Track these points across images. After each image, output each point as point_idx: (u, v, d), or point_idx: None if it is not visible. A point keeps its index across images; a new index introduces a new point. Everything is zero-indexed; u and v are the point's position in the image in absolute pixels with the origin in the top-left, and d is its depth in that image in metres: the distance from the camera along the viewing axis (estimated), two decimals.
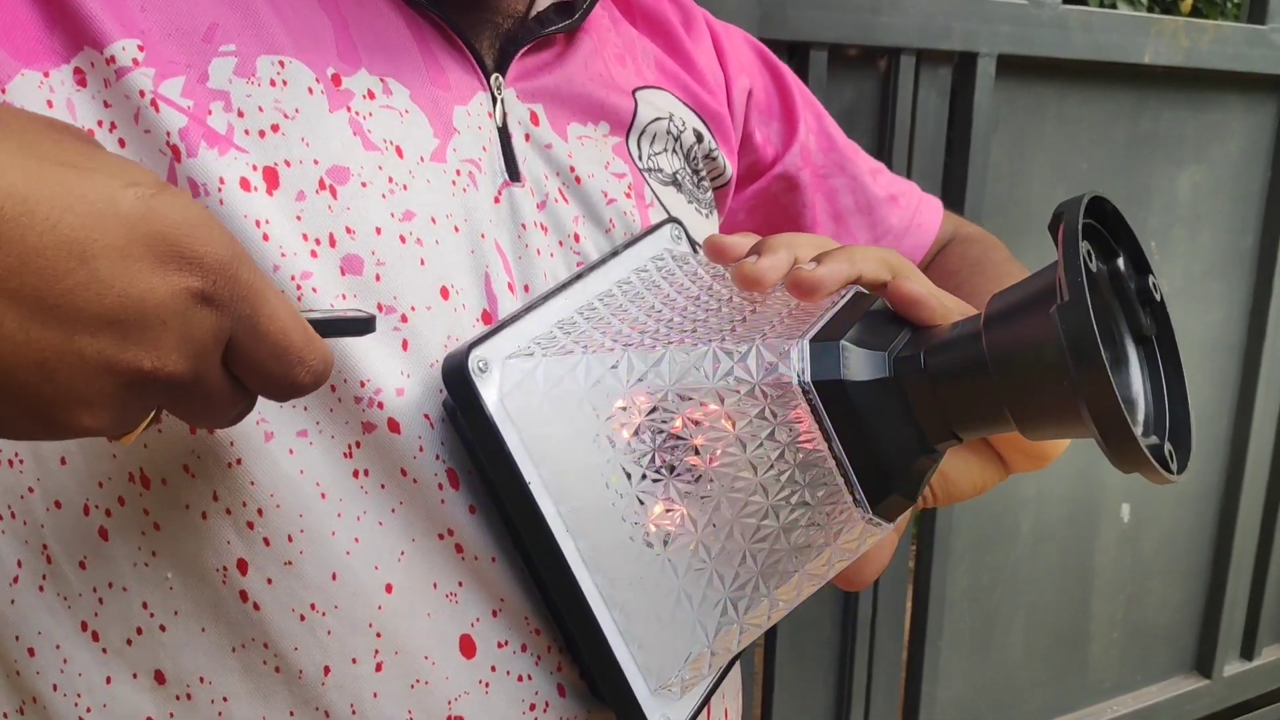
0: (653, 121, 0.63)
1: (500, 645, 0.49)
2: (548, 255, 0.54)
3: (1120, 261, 0.43)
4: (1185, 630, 1.61)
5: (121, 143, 0.44)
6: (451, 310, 0.49)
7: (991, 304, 0.42)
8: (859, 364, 0.42)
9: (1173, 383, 0.44)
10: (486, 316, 0.50)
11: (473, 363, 0.45)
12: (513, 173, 0.53)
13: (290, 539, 0.45)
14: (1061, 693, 1.49)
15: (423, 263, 0.48)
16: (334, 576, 0.46)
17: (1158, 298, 0.44)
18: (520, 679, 0.50)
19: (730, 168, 0.70)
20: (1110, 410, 0.35)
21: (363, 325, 0.41)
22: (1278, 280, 1.51)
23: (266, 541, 0.45)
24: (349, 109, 0.48)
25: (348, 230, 0.46)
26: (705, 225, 0.66)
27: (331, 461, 0.46)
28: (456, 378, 0.45)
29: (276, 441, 0.45)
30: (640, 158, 0.62)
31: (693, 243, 0.60)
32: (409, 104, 0.50)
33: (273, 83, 0.46)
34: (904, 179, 0.85)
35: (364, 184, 0.47)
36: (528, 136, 0.55)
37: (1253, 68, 1.37)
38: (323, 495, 0.46)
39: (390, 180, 0.48)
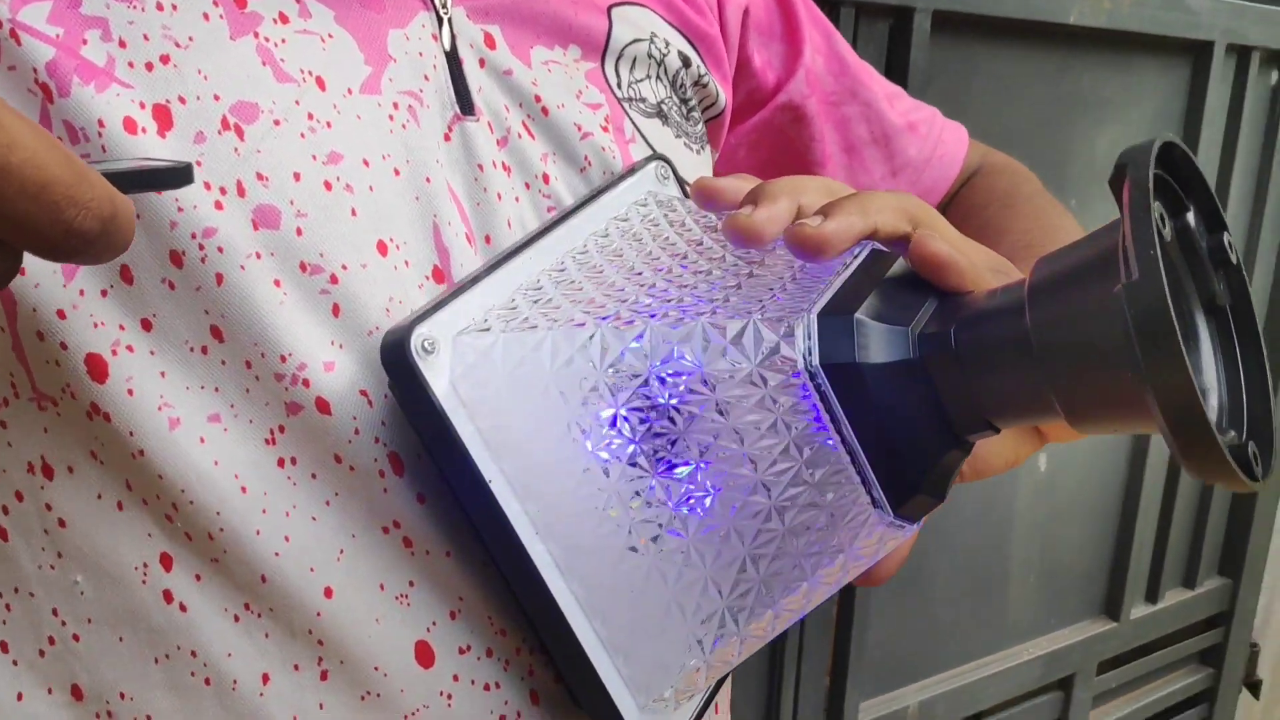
0: (631, 43, 0.55)
1: (462, 651, 0.45)
2: (511, 200, 0.48)
3: (1190, 216, 0.37)
4: (1096, 575, 1.68)
5: None
6: (391, 268, 0.43)
7: (1038, 271, 0.36)
8: (877, 343, 0.36)
9: (1249, 363, 0.37)
10: (438, 274, 0.44)
11: (415, 342, 0.39)
12: (465, 105, 0.47)
13: (211, 537, 0.40)
14: (982, 635, 1.55)
15: (354, 213, 0.42)
16: (263, 579, 0.41)
17: (1233, 259, 0.38)
18: (487, 687, 0.45)
19: (724, 96, 0.62)
20: (1186, 409, 0.30)
21: (176, 176, 0.33)
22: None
23: (188, 536, 0.41)
24: (256, 35, 0.42)
25: (259, 177, 0.40)
26: (696, 163, 0.59)
27: (251, 450, 0.41)
28: (397, 361, 0.39)
29: (183, 429, 0.40)
30: (619, 85, 0.55)
31: (681, 183, 0.54)
32: (333, 27, 0.44)
33: (159, 6, 0.40)
34: (923, 104, 0.76)
35: (276, 121, 0.41)
36: (482, 62, 0.48)
37: (1169, 31, 1.42)
38: (243, 489, 0.40)
39: (310, 117, 0.42)
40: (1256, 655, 1.87)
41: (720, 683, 0.49)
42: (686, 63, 0.58)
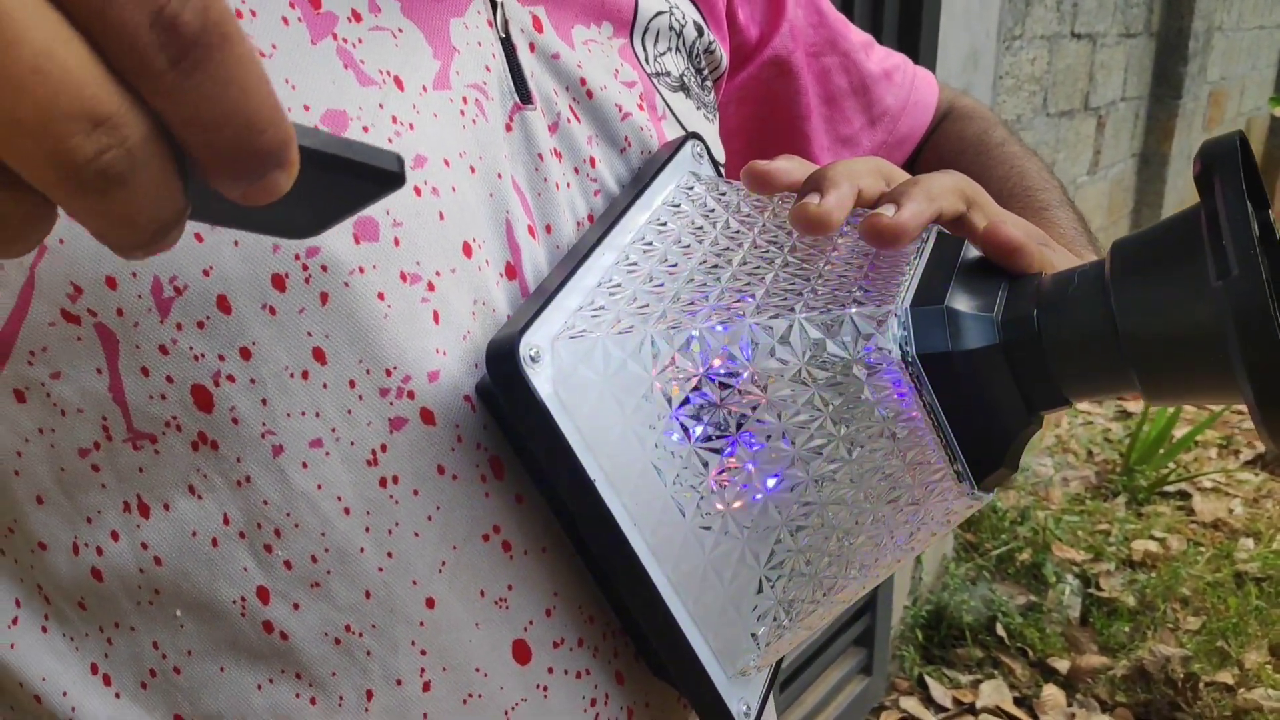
0: (655, 16, 0.54)
1: (556, 645, 0.45)
2: (564, 187, 0.47)
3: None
4: None
5: None
6: (475, 269, 0.42)
7: (1117, 258, 0.38)
8: (965, 330, 0.37)
9: None
10: (510, 270, 0.44)
11: (524, 352, 0.39)
12: (523, 93, 0.46)
13: (314, 559, 0.40)
14: None
15: (441, 216, 0.41)
16: (367, 595, 0.41)
17: (1277, 237, 0.38)
18: (578, 675, 0.46)
19: (725, 59, 0.62)
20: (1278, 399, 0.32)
21: (382, 178, 0.23)
22: None
23: (288, 565, 0.40)
24: (334, 36, 0.40)
25: None
26: (712, 132, 0.59)
27: (353, 473, 0.40)
28: (505, 372, 0.39)
29: (286, 455, 0.39)
30: (647, 61, 0.54)
31: (713, 159, 0.54)
32: (401, 20, 0.42)
33: (239, 13, 0.38)
34: (893, 51, 0.76)
35: (365, 128, 0.40)
36: (532, 46, 0.47)
37: None
38: (346, 511, 0.40)
39: (395, 120, 0.41)
40: None
41: (779, 663, 0.50)
42: (700, 31, 0.58)
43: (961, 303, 0.38)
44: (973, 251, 0.42)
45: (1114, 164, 3.61)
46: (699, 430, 0.39)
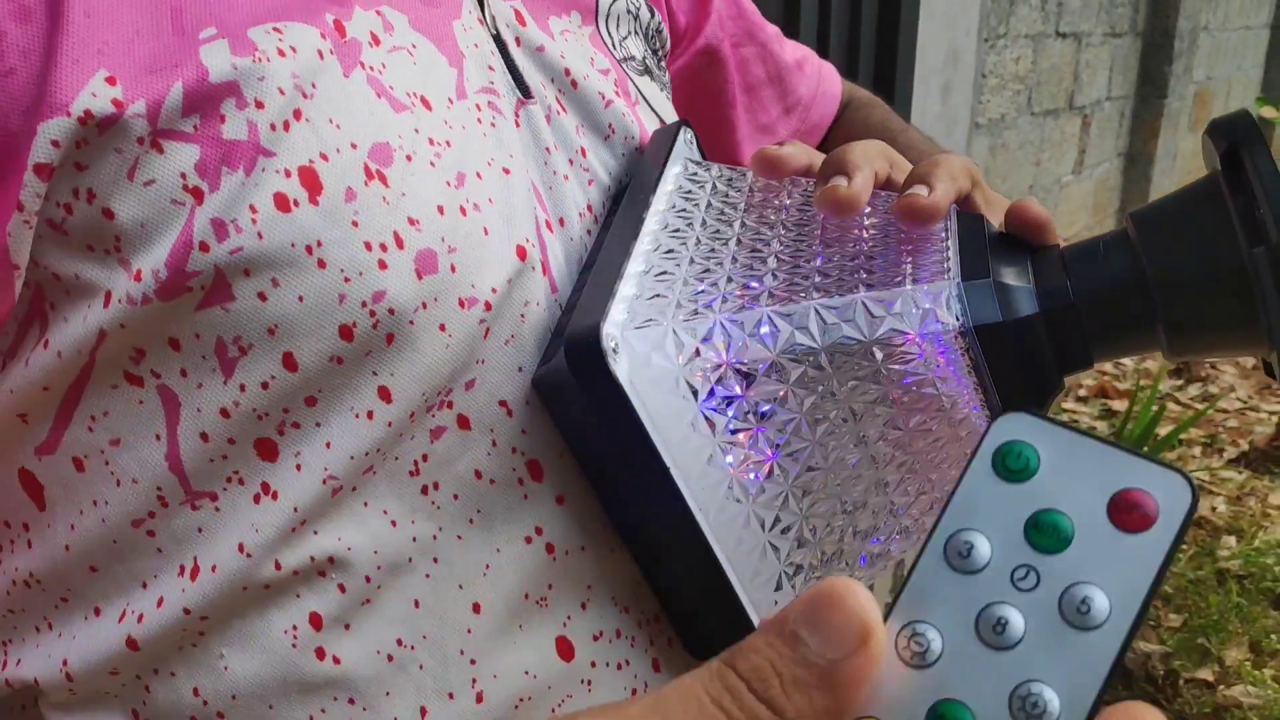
0: (615, 1, 0.55)
1: (596, 638, 0.45)
2: (563, 179, 0.47)
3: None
4: None
5: (108, 214, 0.34)
6: (527, 272, 0.42)
7: (1139, 221, 0.41)
8: (1013, 301, 0.39)
9: None
10: (544, 267, 0.44)
11: (607, 344, 0.38)
12: (524, 89, 0.46)
13: (368, 579, 0.40)
14: None
15: (486, 232, 0.41)
16: (416, 604, 0.41)
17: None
18: (619, 666, 0.45)
19: (669, 41, 0.63)
20: None
21: None
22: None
23: (342, 588, 0.39)
24: (362, 65, 0.39)
25: (410, 222, 0.38)
26: (672, 112, 0.59)
27: (397, 484, 0.40)
28: (588, 364, 0.38)
29: (344, 491, 0.39)
30: (614, 46, 0.54)
31: (699, 144, 0.55)
32: (413, 35, 0.42)
33: (280, 52, 0.36)
34: (799, 43, 0.79)
35: (409, 157, 0.39)
36: (518, 40, 0.47)
37: None
38: (393, 523, 0.40)
39: (431, 143, 0.40)
40: None
41: None
42: (652, 13, 0.59)
43: (1004, 275, 0.40)
44: (992, 227, 0.44)
45: (1099, 163, 3.62)
46: (767, 413, 0.40)
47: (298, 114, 0.36)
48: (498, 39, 0.45)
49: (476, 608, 0.41)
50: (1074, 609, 0.24)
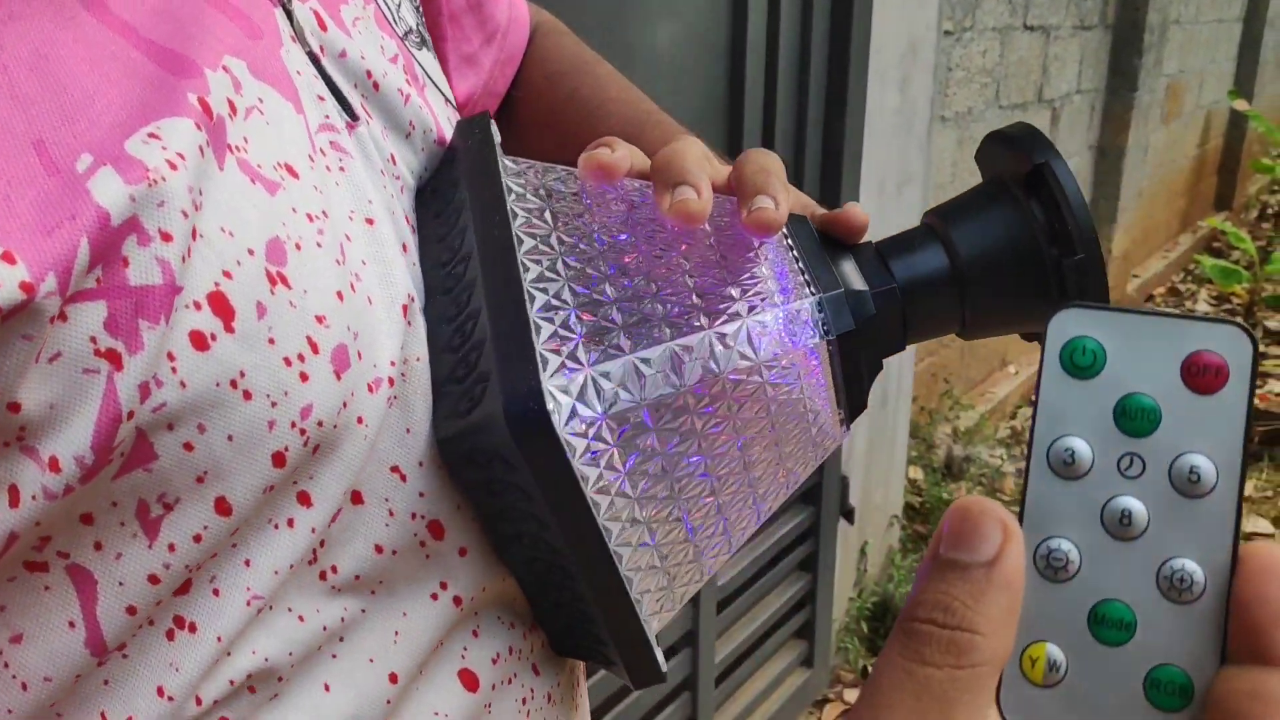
0: None
1: (495, 661, 0.44)
2: (393, 195, 0.43)
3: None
4: None
5: (13, 407, 0.28)
6: (408, 326, 0.40)
7: (940, 215, 0.45)
8: (859, 305, 0.43)
9: None
10: (404, 309, 0.40)
11: (549, 405, 0.35)
12: (348, 109, 0.41)
13: (280, 678, 0.37)
14: None
15: (371, 301, 0.37)
16: (326, 688, 0.38)
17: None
18: (508, 682, 0.45)
19: None
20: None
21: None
22: (746, 129, 1.62)
23: (251, 690, 0.37)
24: (230, 149, 0.34)
25: (318, 321, 0.35)
26: (446, 85, 0.56)
27: (298, 578, 0.37)
28: (531, 429, 0.35)
29: (262, 603, 0.36)
30: (395, 22, 0.49)
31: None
32: (257, 87, 0.36)
33: (171, 164, 0.31)
34: None
35: (297, 245, 0.35)
36: (323, 49, 0.42)
37: None
38: (300, 619, 0.37)
39: (310, 219, 0.36)
40: (847, 486, 2.08)
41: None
42: None
43: (850, 281, 0.44)
44: (813, 227, 0.47)
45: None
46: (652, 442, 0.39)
47: (194, 233, 0.32)
48: (311, 56, 0.41)
49: (393, 678, 0.40)
50: (1184, 480, 0.26)
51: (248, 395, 0.32)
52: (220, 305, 0.32)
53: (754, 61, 1.62)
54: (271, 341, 0.33)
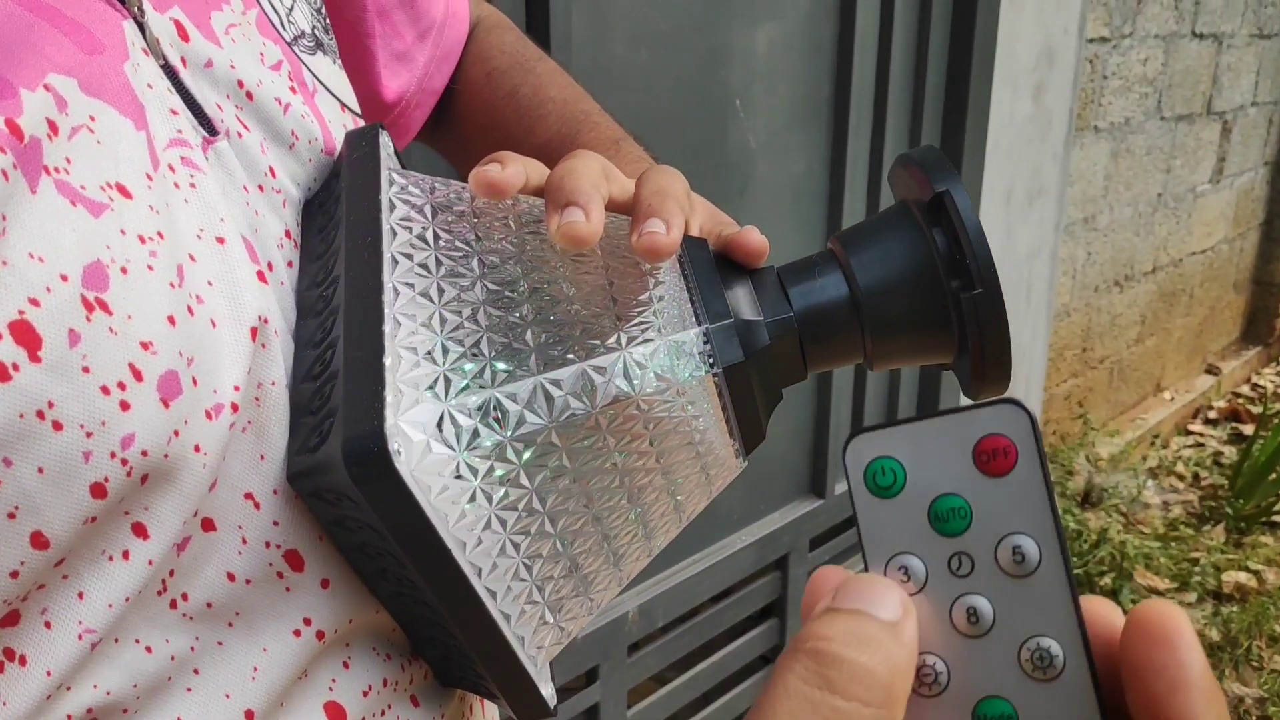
0: None
1: (365, 694, 0.42)
2: (261, 212, 0.41)
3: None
4: (799, 458, 1.78)
5: None
6: (261, 350, 0.38)
7: (845, 242, 0.44)
8: (750, 335, 0.42)
9: None
10: (254, 333, 0.38)
11: (391, 445, 0.34)
12: (206, 123, 0.40)
13: (126, 710, 0.36)
14: (693, 532, 1.54)
15: (214, 324, 0.36)
16: None
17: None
18: (382, 714, 0.43)
19: None
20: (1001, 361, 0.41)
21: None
22: (852, 128, 1.60)
23: None
24: (47, 170, 0.33)
25: (144, 347, 0.33)
26: (346, 84, 0.53)
27: (145, 608, 0.36)
28: (371, 471, 0.34)
29: (99, 638, 0.35)
30: (283, 26, 0.47)
31: (391, 144, 0.49)
32: (88, 104, 0.35)
33: None
34: None
35: (124, 269, 0.33)
36: (184, 61, 0.40)
37: None
38: (148, 650, 0.36)
39: (141, 240, 0.34)
40: None
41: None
42: None
43: (742, 311, 0.42)
44: (710, 251, 0.45)
45: (1241, 172, 3.40)
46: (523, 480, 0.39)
47: None
48: (167, 68, 0.39)
49: (249, 715, 0.38)
50: (1011, 562, 0.26)
51: (58, 426, 0.31)
52: (24, 334, 0.30)
53: (863, 61, 1.58)
54: (86, 370, 0.32)
